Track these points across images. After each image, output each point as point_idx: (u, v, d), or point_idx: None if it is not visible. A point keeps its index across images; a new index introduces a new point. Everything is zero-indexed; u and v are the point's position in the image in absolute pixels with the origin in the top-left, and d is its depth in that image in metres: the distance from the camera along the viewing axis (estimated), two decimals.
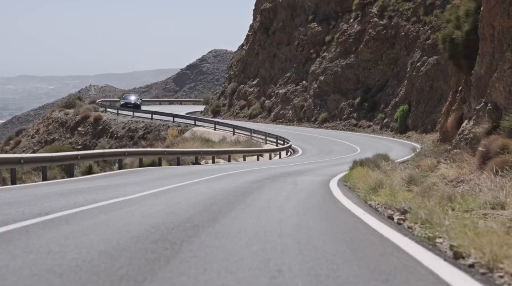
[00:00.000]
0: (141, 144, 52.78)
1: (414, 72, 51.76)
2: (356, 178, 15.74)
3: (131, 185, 14.76)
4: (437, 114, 47.31)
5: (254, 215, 8.61)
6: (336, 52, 63.50)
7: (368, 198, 11.69)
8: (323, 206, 10.35)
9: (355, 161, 20.32)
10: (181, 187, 14.04)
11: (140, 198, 10.96)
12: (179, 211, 8.90)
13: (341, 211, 9.68)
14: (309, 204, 10.55)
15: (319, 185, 15.22)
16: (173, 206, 9.61)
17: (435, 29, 50.57)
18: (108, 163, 26.60)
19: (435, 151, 20.64)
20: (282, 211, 9.27)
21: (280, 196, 11.91)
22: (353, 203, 10.78)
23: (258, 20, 77.94)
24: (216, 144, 42.64)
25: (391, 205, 10.59)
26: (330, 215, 9.07)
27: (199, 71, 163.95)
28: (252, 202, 10.60)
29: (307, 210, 9.47)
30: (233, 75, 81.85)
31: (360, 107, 59.50)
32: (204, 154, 32.70)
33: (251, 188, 13.67)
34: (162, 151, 28.42)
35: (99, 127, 60.06)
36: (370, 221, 8.35)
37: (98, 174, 21.07)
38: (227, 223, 7.61)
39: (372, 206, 10.64)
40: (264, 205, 10.09)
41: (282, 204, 10.27)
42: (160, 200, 10.59)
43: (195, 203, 10.08)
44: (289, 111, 68.49)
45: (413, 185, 14.58)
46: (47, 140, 60.01)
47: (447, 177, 15.53)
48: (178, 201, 10.36)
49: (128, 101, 71.52)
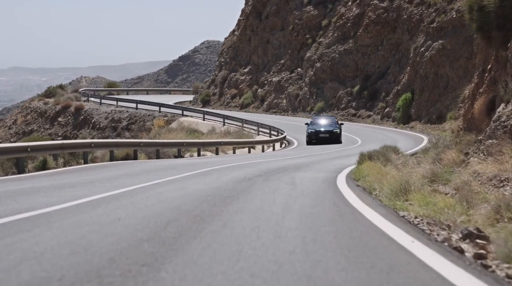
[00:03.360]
0: (125, 135, 51.57)
1: (418, 58, 50.23)
2: (369, 175, 13.19)
3: (77, 186, 11.38)
4: (443, 103, 46.20)
5: (230, 251, 5.09)
6: (334, 37, 62.52)
7: (398, 207, 8.63)
8: (339, 222, 6.97)
9: (362, 154, 17.66)
10: (144, 189, 10.69)
11: (64, 211, 7.50)
12: (103, 242, 5.35)
13: (371, 233, 6.30)
14: (318, 219, 7.17)
15: (324, 184, 11.98)
16: (104, 228, 6.10)
17: (440, 12, 49.30)
18: (76, 156, 23.32)
19: (458, 142, 17.85)
20: (279, 237, 5.84)
21: (275, 203, 8.55)
22: (380, 215, 7.56)
23: (250, 3, 77.05)
24: (204, 135, 40.59)
25: (437, 220, 7.63)
26: (357, 243, 5.63)
27: (191, 62, 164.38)
28: (233, 216, 7.21)
29: (318, 233, 6.08)
30: (223, 63, 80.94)
31: (359, 96, 58.39)
32: (188, 145, 30.27)
33: (236, 190, 10.39)
34: (138, 143, 25.22)
35: (80, 117, 58.91)
36: (428, 257, 5.02)
37: (54, 169, 17.86)
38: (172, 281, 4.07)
39: (409, 220, 7.48)
40: (251, 223, 6.71)
41: (278, 221, 6.86)
42: (92, 215, 7.15)
43: (143, 221, 6.64)
44: (283, 100, 67.66)
45: (437, 183, 12.03)
46: (25, 131, 58.62)
47: (482, 174, 12.69)
48: (118, 217, 6.87)
49: (318, 129, 40.50)
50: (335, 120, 42.01)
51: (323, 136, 39.62)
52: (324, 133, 39.79)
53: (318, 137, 39.71)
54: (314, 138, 39.71)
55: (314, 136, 39.81)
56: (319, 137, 39.69)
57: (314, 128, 40.29)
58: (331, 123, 41.09)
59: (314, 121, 41.58)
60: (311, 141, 39.69)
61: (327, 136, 39.69)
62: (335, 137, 39.74)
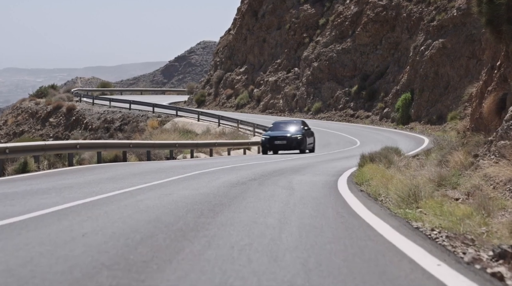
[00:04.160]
0: (118, 136, 50.74)
1: (418, 57, 49.95)
2: (372, 179, 12.47)
3: (52, 192, 10.45)
4: (443, 103, 45.95)
5: (211, 284, 3.99)
6: (331, 36, 62.31)
7: (410, 216, 7.65)
8: (347, 239, 5.89)
9: (363, 156, 16.83)
10: (125, 195, 9.69)
11: (20, 225, 6.60)
12: (49, 271, 4.28)
13: (387, 253, 5.23)
14: (321, 234, 6.14)
15: (325, 190, 11.06)
16: (58, 250, 5.02)
17: (441, 10, 48.91)
18: (63, 158, 22.27)
19: (465, 143, 17.02)
20: (275, 260, 4.85)
21: (270, 214, 7.54)
22: (393, 228, 6.66)
23: (246, 2, 76.57)
24: (198, 136, 39.90)
25: (457, 232, 6.72)
26: (373, 269, 4.61)
27: (187, 63, 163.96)
28: (221, 230, 6.23)
29: (323, 255, 5.04)
30: (219, 63, 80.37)
31: (358, 96, 58.09)
32: (181, 147, 29.47)
33: (227, 197, 9.39)
34: (127, 144, 24.15)
35: (72, 118, 58.27)
36: None
37: (35, 172, 16.83)
38: None
39: (426, 234, 6.51)
40: (241, 240, 5.71)
41: (274, 237, 5.87)
42: (53, 229, 6.20)
43: (112, 238, 5.65)
44: (279, 100, 67.32)
45: (445, 187, 11.31)
46: (15, 132, 58.02)
47: (495, 178, 11.91)
48: (83, 233, 5.85)
49: (273, 135, 33.14)
50: (301, 125, 33.65)
51: (279, 143, 32.07)
52: (281, 139, 32.03)
53: (273, 144, 32.11)
54: (269, 146, 32.12)
55: (268, 143, 32.08)
56: (274, 145, 32.11)
57: (269, 134, 32.79)
58: (295, 127, 33.24)
59: (274, 126, 34.51)
60: (265, 150, 32.24)
61: (284, 143, 32.06)
62: (295, 144, 32.05)
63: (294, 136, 32.16)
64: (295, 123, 34.10)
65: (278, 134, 32.31)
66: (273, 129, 33.45)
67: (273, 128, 33.87)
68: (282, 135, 32.18)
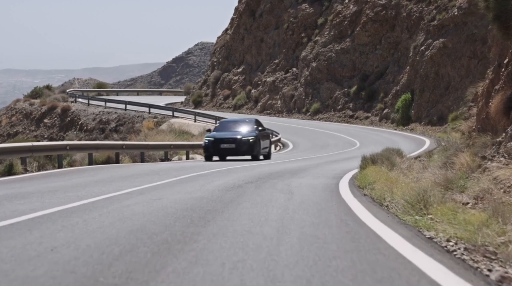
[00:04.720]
0: (113, 137, 50.37)
1: (418, 57, 49.66)
2: (375, 182, 12.01)
3: (33, 196, 9.87)
4: (444, 104, 45.67)
5: None
6: (330, 36, 62.07)
7: (421, 224, 7.10)
8: (354, 253, 5.21)
9: (365, 157, 16.27)
10: (111, 200, 9.09)
11: None
12: None
13: (402, 271, 4.56)
14: (325, 247, 5.45)
15: (326, 194, 10.45)
16: (17, 269, 4.38)
17: (441, 9, 48.48)
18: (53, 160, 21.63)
19: (471, 144, 16.42)
20: (272, 280, 4.29)
21: (268, 221, 6.91)
22: (404, 239, 6.07)
23: (243, 1, 76.21)
24: (194, 137, 39.46)
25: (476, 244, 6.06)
26: None
27: (185, 64, 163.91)
28: (212, 242, 5.57)
29: (328, 273, 4.40)
30: (216, 63, 80.00)
31: (357, 97, 57.82)
32: (176, 148, 28.93)
33: (221, 202, 8.77)
34: (120, 145, 23.53)
35: (67, 119, 58.15)
36: None
37: (21, 174, 16.20)
38: None
39: (441, 246, 5.91)
40: (234, 254, 5.08)
41: (271, 251, 5.21)
42: (19, 242, 5.62)
43: (84, 252, 5.04)
44: (277, 101, 67.03)
45: (452, 191, 10.70)
46: (9, 133, 57.86)
47: (505, 181, 11.26)
48: (52, 247, 5.11)
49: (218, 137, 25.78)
50: (254, 125, 26.85)
51: (227, 147, 25.27)
52: (228, 142, 25.28)
53: (219, 148, 25.09)
54: (213, 151, 25.03)
55: (213, 147, 24.97)
56: (220, 149, 25.14)
57: (214, 135, 25.57)
58: (247, 128, 26.51)
59: (221, 125, 27.66)
60: (209, 155, 25.16)
61: (233, 147, 25.30)
62: (246, 149, 25.47)
63: (245, 139, 25.47)
64: (247, 123, 27.33)
65: (225, 136, 25.47)
66: (219, 130, 26.51)
67: (219, 128, 27.12)
68: (231, 138, 25.43)
